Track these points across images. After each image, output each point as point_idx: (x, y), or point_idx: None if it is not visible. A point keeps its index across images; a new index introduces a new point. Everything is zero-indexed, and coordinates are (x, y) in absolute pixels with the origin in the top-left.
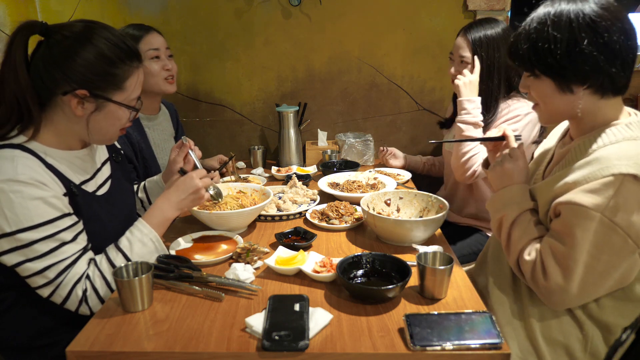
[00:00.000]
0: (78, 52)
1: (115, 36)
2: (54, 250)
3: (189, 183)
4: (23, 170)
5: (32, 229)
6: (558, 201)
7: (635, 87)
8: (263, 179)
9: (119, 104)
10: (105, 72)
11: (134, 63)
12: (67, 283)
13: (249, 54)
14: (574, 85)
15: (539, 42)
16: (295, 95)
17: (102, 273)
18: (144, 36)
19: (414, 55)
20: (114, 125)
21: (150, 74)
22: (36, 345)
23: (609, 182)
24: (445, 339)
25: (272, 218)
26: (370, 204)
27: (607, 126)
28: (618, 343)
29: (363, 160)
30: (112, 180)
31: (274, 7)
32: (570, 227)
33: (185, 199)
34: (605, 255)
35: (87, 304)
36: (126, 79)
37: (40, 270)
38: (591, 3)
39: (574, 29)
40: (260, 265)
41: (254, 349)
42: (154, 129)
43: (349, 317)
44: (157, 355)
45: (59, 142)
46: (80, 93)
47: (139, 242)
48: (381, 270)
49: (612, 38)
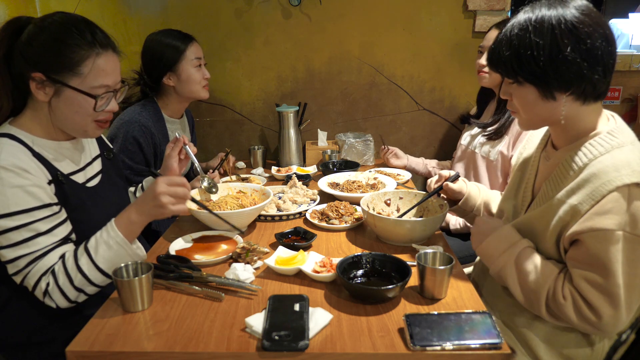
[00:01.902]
0: (36, 36)
1: (81, 23)
2: (27, 241)
3: (151, 188)
4: (6, 157)
5: (8, 217)
6: (575, 230)
7: (635, 87)
8: (263, 179)
9: (75, 90)
10: (58, 53)
11: (93, 48)
12: (34, 274)
13: (249, 54)
14: (556, 92)
15: (521, 49)
16: (295, 95)
17: (66, 270)
18: (190, 45)
19: (414, 55)
20: (77, 113)
21: (193, 81)
22: (33, 342)
23: (617, 197)
24: (445, 339)
25: (272, 218)
26: (370, 204)
27: (590, 136)
28: (618, 343)
29: (363, 160)
30: (102, 175)
31: (274, 7)
32: (599, 254)
33: (147, 204)
34: (639, 269)
35: (52, 298)
36: (80, 62)
37: (12, 259)
38: (572, 8)
39: (556, 35)
40: (260, 265)
41: (254, 349)
42: (176, 133)
43: (349, 317)
44: (157, 355)
45: (43, 131)
46: (37, 76)
47: (104, 244)
48: (381, 270)
49: (594, 44)
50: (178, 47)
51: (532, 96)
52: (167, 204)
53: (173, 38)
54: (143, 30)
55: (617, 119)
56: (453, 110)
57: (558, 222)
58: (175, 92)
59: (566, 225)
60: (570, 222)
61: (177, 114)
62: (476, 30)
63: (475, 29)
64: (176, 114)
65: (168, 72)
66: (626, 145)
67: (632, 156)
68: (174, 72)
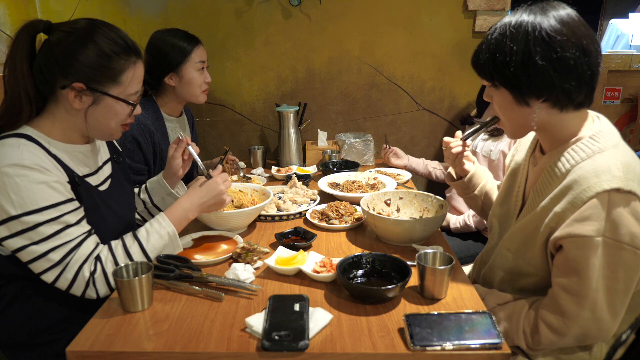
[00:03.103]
0: (76, 47)
1: (114, 32)
2: (59, 233)
3: (214, 187)
4: (28, 157)
5: (37, 212)
6: (556, 236)
7: (635, 87)
8: (263, 179)
9: (115, 98)
10: (102, 65)
11: (130, 58)
12: (74, 264)
13: (249, 54)
14: (529, 98)
15: (496, 53)
16: (295, 95)
17: (115, 258)
18: (196, 48)
19: (414, 55)
20: (112, 119)
21: (193, 84)
22: (36, 342)
23: (597, 203)
24: (445, 339)
25: (272, 218)
26: (370, 204)
27: (572, 142)
28: (618, 343)
29: (363, 160)
30: (112, 179)
31: (274, 7)
32: (577, 259)
33: (208, 201)
34: (621, 273)
35: (95, 286)
36: (122, 72)
37: (44, 252)
38: (551, 18)
39: (529, 42)
40: (260, 265)
41: (254, 349)
42: (175, 131)
43: (349, 317)
44: (157, 355)
45: (62, 135)
46: (77, 86)
47: (156, 233)
48: (381, 270)
49: (564, 54)
50: (184, 49)
51: (507, 101)
52: (226, 200)
53: (180, 39)
54: (143, 30)
55: (602, 120)
56: (453, 110)
57: (545, 229)
58: (174, 92)
59: (552, 232)
60: (555, 229)
61: (175, 112)
62: (476, 30)
63: (475, 29)
64: (174, 113)
65: (171, 72)
66: (608, 150)
67: (612, 161)
68: (176, 73)
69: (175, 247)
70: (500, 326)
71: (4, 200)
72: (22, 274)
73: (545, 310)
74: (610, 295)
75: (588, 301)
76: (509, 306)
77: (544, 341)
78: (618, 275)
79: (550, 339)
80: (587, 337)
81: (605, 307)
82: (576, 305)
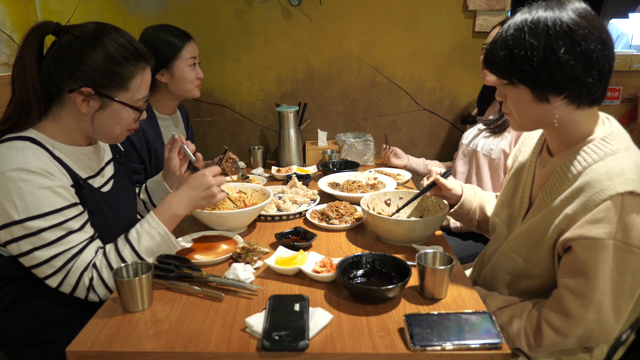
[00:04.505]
0: (85, 51)
1: (123, 37)
2: (62, 239)
3: (201, 180)
4: (32, 161)
5: (41, 217)
6: (566, 237)
7: (635, 87)
8: (263, 179)
9: (123, 104)
10: (111, 71)
11: (139, 64)
12: (75, 271)
13: (249, 54)
14: (550, 94)
15: (515, 49)
16: (295, 95)
17: (109, 263)
18: (187, 44)
19: (414, 55)
20: (118, 124)
21: (186, 80)
22: (37, 342)
23: (610, 206)
24: (445, 339)
25: (272, 218)
26: (370, 204)
27: (585, 143)
28: (618, 343)
29: (363, 160)
30: (114, 179)
31: (274, 7)
32: (586, 261)
33: (197, 196)
34: (628, 276)
35: (95, 292)
36: (131, 78)
37: (48, 258)
38: (569, 11)
39: (551, 36)
40: (260, 265)
41: (254, 349)
42: (169, 129)
43: (349, 317)
44: (157, 355)
45: (66, 137)
46: (86, 91)
47: (146, 234)
48: (381, 270)
49: (589, 47)
50: (175, 45)
51: (525, 98)
52: (217, 193)
53: (170, 35)
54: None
55: (612, 121)
56: (453, 110)
57: (554, 231)
58: (167, 89)
59: (562, 234)
60: (565, 231)
61: (168, 110)
62: (476, 30)
63: (475, 29)
64: (167, 111)
65: (162, 69)
66: (620, 152)
67: (625, 164)
68: (168, 69)
69: (170, 247)
70: (502, 328)
71: (8, 205)
72: (23, 274)
73: (549, 310)
74: (616, 298)
75: (594, 303)
76: (511, 308)
77: (546, 342)
78: (625, 278)
79: (553, 339)
80: (590, 339)
81: (611, 309)
82: (581, 306)
